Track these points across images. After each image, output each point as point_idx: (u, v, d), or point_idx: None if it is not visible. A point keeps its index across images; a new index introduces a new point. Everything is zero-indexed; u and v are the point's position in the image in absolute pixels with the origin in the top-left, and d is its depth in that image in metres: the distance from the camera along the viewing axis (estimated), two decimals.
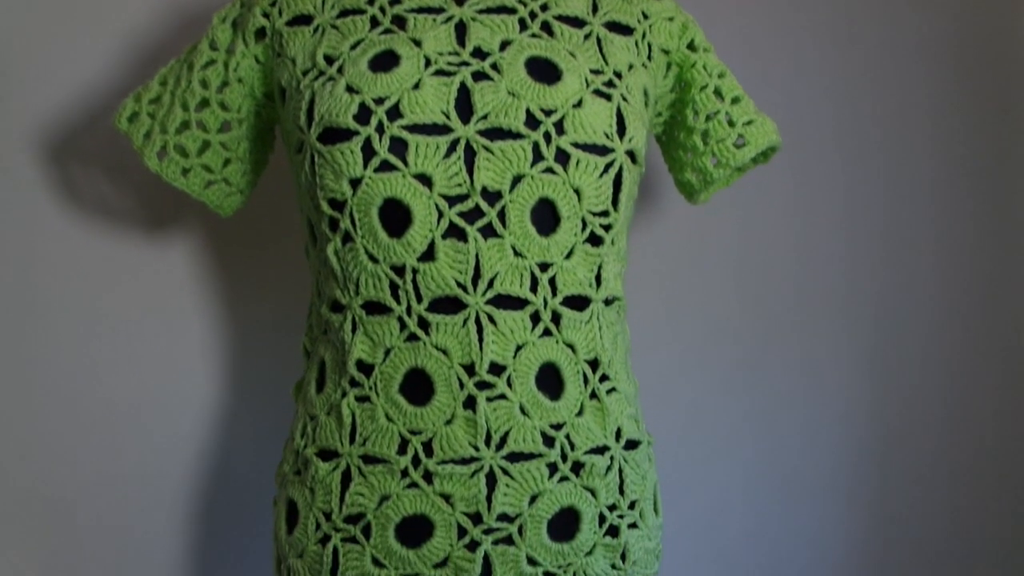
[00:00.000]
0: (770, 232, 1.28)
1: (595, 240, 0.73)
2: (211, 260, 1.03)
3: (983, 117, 1.44)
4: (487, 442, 0.70)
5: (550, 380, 0.72)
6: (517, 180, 0.70)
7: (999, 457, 1.41)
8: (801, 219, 1.30)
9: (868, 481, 1.35)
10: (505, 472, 0.70)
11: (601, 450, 0.74)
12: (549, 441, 0.71)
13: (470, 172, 0.69)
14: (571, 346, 0.72)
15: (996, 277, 1.45)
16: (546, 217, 0.71)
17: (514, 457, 0.70)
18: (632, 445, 0.77)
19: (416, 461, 0.70)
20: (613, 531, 0.74)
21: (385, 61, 0.72)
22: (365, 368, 0.72)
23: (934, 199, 1.40)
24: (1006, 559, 1.42)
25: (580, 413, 0.73)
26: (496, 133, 0.70)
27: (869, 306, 1.34)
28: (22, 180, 0.96)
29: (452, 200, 0.69)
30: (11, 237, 0.97)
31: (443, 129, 0.69)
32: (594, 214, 0.72)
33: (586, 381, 0.73)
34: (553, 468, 0.71)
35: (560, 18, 0.76)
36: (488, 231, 0.70)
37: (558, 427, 0.72)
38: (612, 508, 0.74)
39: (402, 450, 0.71)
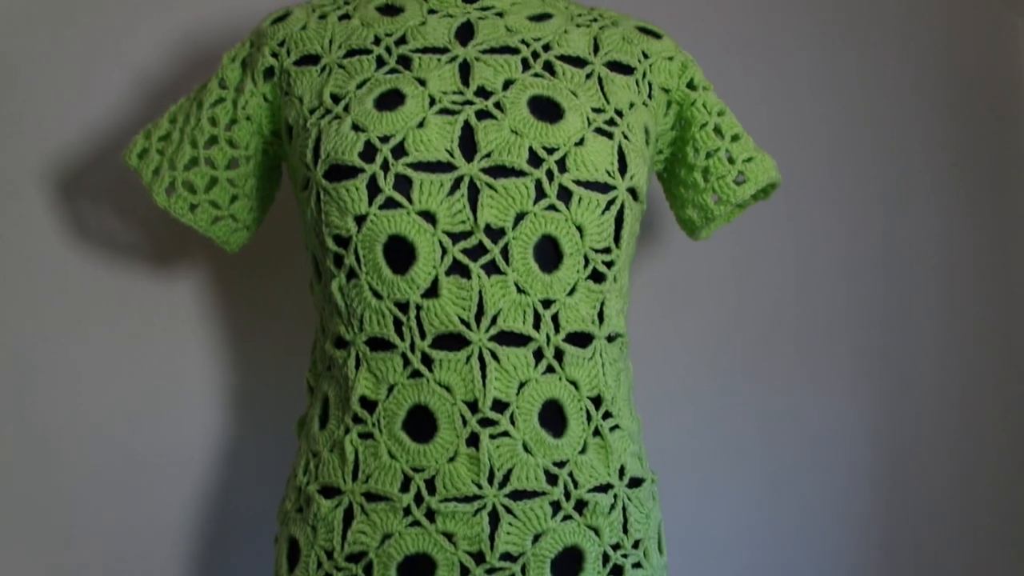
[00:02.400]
0: (770, 254, 1.29)
1: (597, 277, 0.73)
2: (216, 295, 1.04)
3: (976, 131, 1.46)
4: (490, 480, 0.69)
5: (553, 417, 0.72)
6: (520, 217, 0.70)
7: (1007, 468, 1.40)
8: (801, 239, 1.31)
9: (877, 505, 1.33)
10: (508, 510, 0.70)
11: (604, 488, 0.73)
12: (552, 479, 0.71)
13: (473, 209, 0.70)
14: (574, 383, 0.72)
15: (1000, 288, 1.46)
16: (549, 254, 0.71)
17: (517, 495, 0.70)
18: (636, 483, 0.76)
19: (419, 499, 0.70)
20: (617, 571, 0.73)
21: (391, 100, 0.73)
22: (368, 404, 0.72)
23: (934, 212, 1.41)
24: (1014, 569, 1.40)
25: (583, 451, 0.72)
26: (499, 171, 0.70)
27: (874, 323, 1.35)
28: (32, 214, 0.98)
29: (456, 237, 0.70)
30: (19, 270, 0.97)
31: (447, 167, 0.70)
32: (596, 251, 0.72)
33: (589, 418, 0.73)
34: (556, 506, 0.71)
35: (562, 58, 0.77)
36: (491, 268, 0.70)
37: (561, 465, 0.71)
38: (616, 547, 0.73)
39: (405, 488, 0.70)
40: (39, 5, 0.97)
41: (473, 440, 0.69)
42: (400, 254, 0.70)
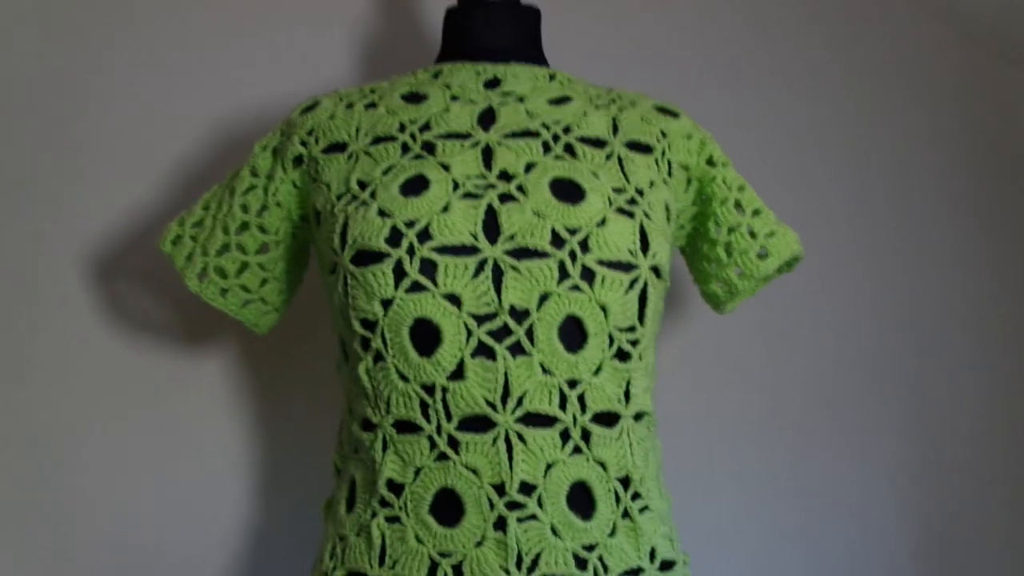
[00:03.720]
0: (798, 324, 1.27)
1: (623, 356, 0.73)
2: (245, 375, 1.05)
3: (999, 189, 1.45)
4: (518, 565, 0.68)
5: (581, 499, 0.71)
6: (544, 298, 0.70)
7: None
8: (829, 306, 1.30)
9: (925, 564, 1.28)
10: None
11: (635, 572, 0.71)
12: (582, 563, 0.69)
13: (498, 291, 0.70)
14: (602, 464, 0.71)
15: None
16: (573, 334, 0.71)
17: None
18: (667, 566, 0.74)
19: None
20: None
21: (416, 185, 0.74)
22: (395, 488, 0.71)
23: (959, 272, 1.40)
24: None
25: (613, 533, 0.71)
26: (523, 253, 0.71)
27: (907, 387, 1.32)
28: (70, 293, 1.00)
29: (481, 319, 0.70)
30: (54, 346, 0.99)
31: (471, 250, 0.71)
32: (621, 330, 0.72)
33: (618, 500, 0.72)
34: None
35: (582, 140, 0.78)
36: (516, 349, 0.70)
37: (590, 548, 0.70)
38: None
39: (432, 573, 0.69)
40: (78, 92, 1.02)
41: (501, 524, 0.68)
42: (426, 337, 0.70)
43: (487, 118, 0.79)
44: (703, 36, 1.29)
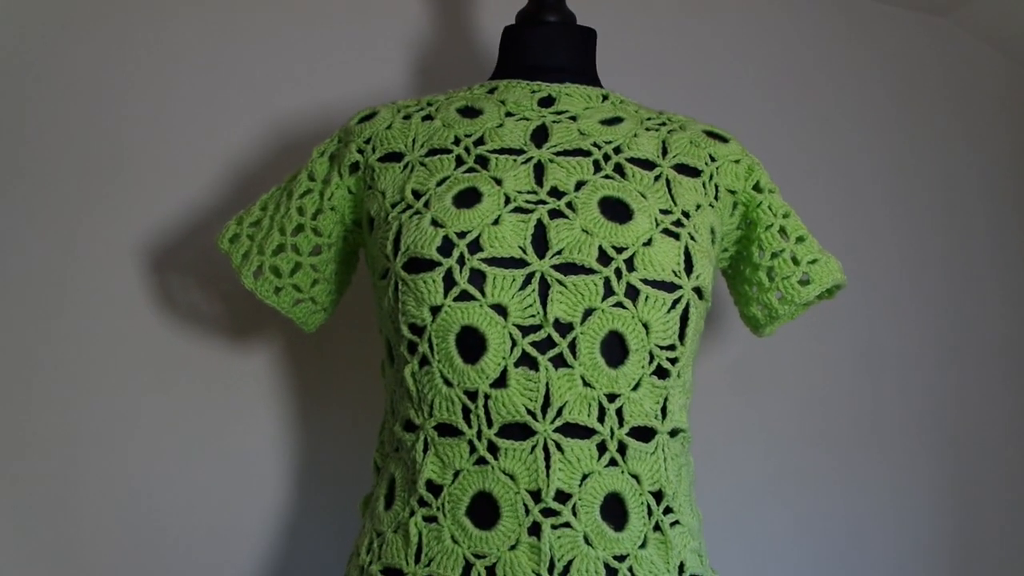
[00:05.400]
0: (838, 350, 1.28)
1: (662, 373, 0.74)
2: (289, 371, 1.07)
3: None
4: (550, 571, 0.69)
5: (614, 510, 0.72)
6: (588, 313, 0.72)
7: None
8: (869, 329, 1.29)
9: None
10: None
11: None
12: (612, 573, 0.71)
13: (544, 304, 0.72)
14: (636, 477, 0.73)
15: None
16: (615, 350, 0.72)
17: None
18: None
19: None
20: None
21: (468, 197, 0.76)
22: (434, 488, 0.73)
23: (999, 299, 1.38)
24: None
25: (643, 545, 0.72)
26: (569, 268, 0.72)
27: (946, 427, 1.31)
28: (128, 286, 1.03)
29: (525, 330, 0.72)
30: (111, 335, 1.03)
31: (520, 263, 0.72)
32: (661, 348, 0.73)
33: (650, 513, 0.73)
34: None
35: (632, 160, 0.79)
36: (559, 361, 0.71)
37: (621, 559, 0.71)
38: None
39: (466, 573, 0.71)
40: (142, 92, 1.05)
41: (535, 529, 0.70)
42: (472, 344, 0.72)
43: (540, 135, 0.81)
44: (754, 58, 1.30)
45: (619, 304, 0.72)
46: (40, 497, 0.98)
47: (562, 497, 0.70)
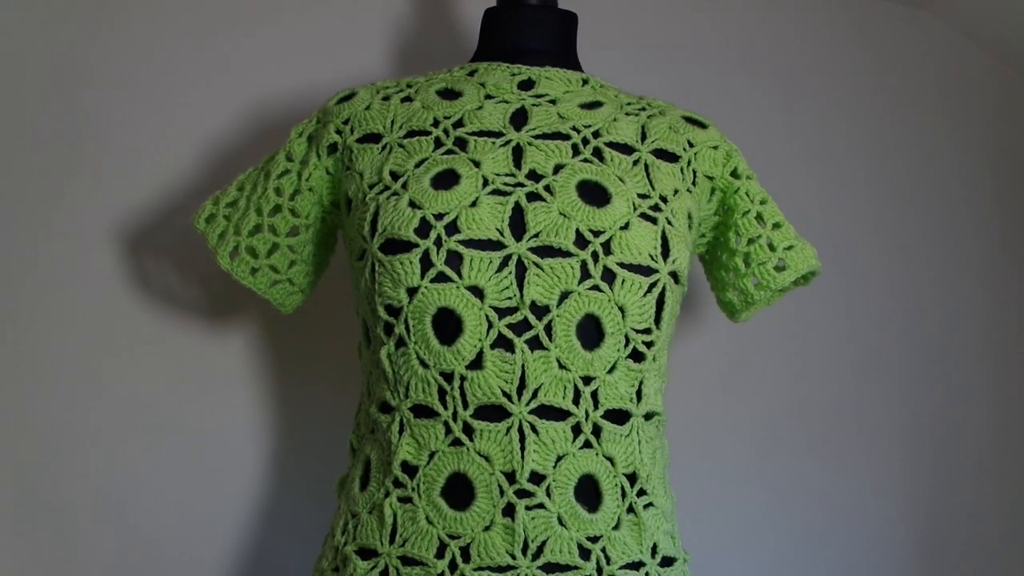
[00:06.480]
0: (816, 338, 1.29)
1: (637, 356, 0.74)
2: (266, 352, 1.07)
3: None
4: (524, 551, 0.70)
5: (588, 492, 0.73)
6: (565, 296, 0.72)
7: None
8: (847, 303, 1.30)
9: None
10: None
11: (636, 566, 0.73)
12: (585, 554, 0.71)
13: (520, 286, 0.72)
14: (610, 459, 0.73)
15: None
16: (591, 332, 0.73)
17: (550, 568, 0.70)
18: (667, 562, 0.76)
19: (453, 565, 0.71)
20: None
21: (446, 179, 0.76)
22: (409, 469, 0.73)
23: (981, 277, 1.40)
24: None
25: (617, 527, 0.73)
26: (546, 251, 0.73)
27: (925, 412, 1.33)
28: (103, 267, 1.02)
29: (502, 312, 0.72)
30: (86, 317, 1.02)
31: (497, 245, 0.73)
32: (637, 331, 0.74)
33: (624, 495, 0.74)
34: None
35: (611, 144, 0.80)
36: (535, 343, 0.72)
37: (595, 540, 0.72)
38: None
39: (440, 554, 0.71)
40: (119, 73, 1.04)
41: (509, 510, 0.70)
42: (448, 326, 0.72)
43: (519, 118, 0.81)
44: (736, 46, 1.30)
45: (595, 287, 0.72)
46: (8, 483, 0.97)
47: (536, 478, 0.71)
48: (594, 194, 0.76)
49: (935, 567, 1.31)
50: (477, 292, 0.72)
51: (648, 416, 0.76)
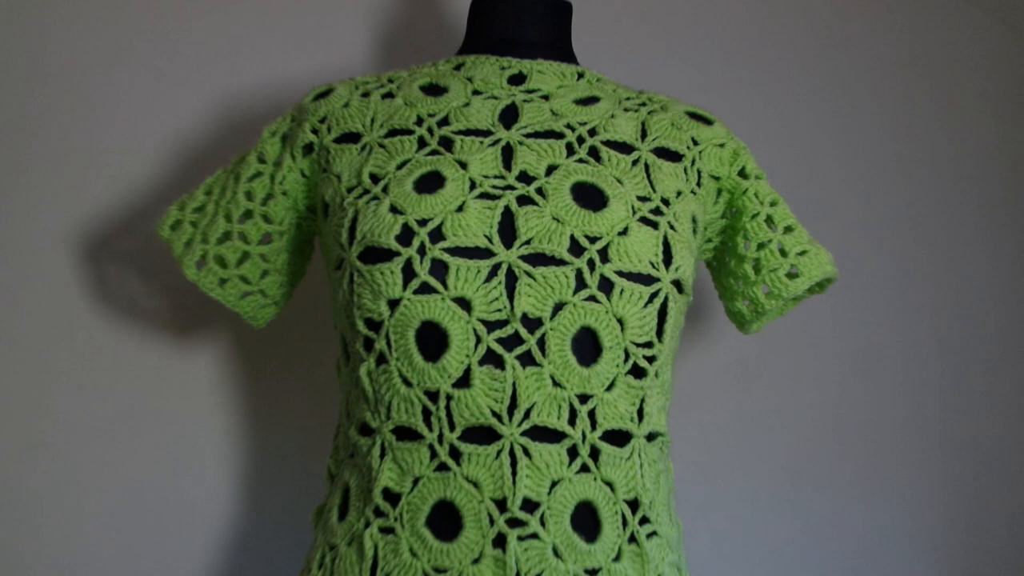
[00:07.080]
0: (826, 349, 1.24)
1: (638, 372, 0.71)
2: (236, 370, 1.03)
3: None
4: None
5: (586, 520, 0.68)
6: (558, 308, 0.68)
7: None
8: (861, 316, 1.26)
9: None
10: None
11: None
12: None
13: (510, 298, 0.68)
14: (610, 484, 0.69)
15: None
16: (587, 347, 0.69)
17: None
18: None
19: None
20: None
21: (430, 182, 0.72)
22: (392, 497, 0.69)
23: (992, 304, 1.36)
24: None
25: (617, 558, 0.68)
26: (539, 259, 0.69)
27: (951, 425, 1.29)
28: (57, 276, 0.99)
29: (491, 326, 0.68)
30: (37, 331, 0.97)
31: (485, 253, 0.69)
32: (637, 345, 0.70)
33: (625, 523, 0.69)
34: None
35: (608, 143, 0.76)
36: (527, 359, 0.68)
37: (593, 573, 0.67)
38: None
39: None
40: (76, 70, 1.00)
41: (500, 541, 0.66)
42: (433, 341, 0.68)
43: (509, 115, 0.78)
44: (739, 37, 1.26)
45: (592, 298, 0.69)
46: None
47: (529, 506, 0.67)
48: (590, 197, 0.72)
49: None
50: (464, 304, 0.68)
51: (651, 437, 0.73)
